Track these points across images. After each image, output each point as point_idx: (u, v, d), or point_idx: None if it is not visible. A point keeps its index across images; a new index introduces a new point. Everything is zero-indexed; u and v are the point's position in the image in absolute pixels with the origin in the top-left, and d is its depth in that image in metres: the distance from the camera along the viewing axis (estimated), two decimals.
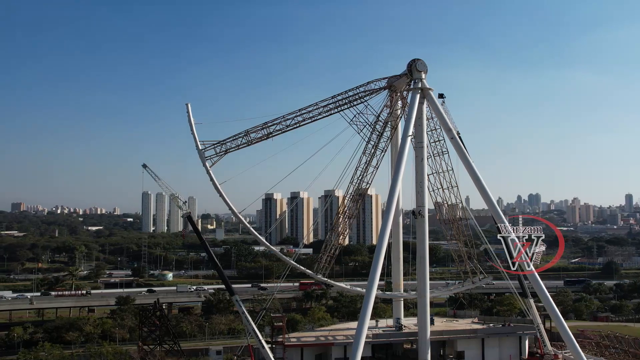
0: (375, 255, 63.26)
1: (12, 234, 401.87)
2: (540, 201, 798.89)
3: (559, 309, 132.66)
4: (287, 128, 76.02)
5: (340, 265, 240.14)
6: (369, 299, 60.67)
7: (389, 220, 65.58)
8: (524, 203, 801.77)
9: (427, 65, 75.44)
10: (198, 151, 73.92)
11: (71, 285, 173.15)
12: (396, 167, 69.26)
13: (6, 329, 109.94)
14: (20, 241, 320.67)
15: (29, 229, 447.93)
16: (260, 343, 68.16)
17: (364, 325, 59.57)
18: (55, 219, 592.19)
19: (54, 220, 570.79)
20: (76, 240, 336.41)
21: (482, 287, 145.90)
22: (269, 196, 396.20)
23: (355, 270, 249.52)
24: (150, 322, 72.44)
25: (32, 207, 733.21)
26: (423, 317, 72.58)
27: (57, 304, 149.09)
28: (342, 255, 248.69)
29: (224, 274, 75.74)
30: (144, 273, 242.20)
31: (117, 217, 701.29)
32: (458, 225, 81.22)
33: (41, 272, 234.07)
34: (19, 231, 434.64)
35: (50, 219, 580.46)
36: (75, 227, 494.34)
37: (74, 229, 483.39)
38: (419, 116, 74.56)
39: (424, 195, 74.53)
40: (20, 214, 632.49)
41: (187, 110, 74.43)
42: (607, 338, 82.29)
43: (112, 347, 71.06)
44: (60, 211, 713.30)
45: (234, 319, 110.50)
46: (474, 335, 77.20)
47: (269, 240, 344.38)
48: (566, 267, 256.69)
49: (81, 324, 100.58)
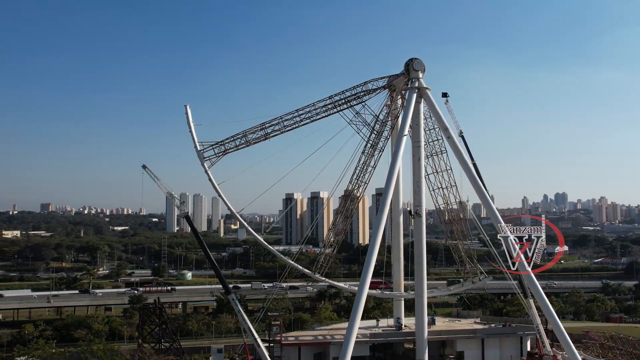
0: (368, 255, 63.78)
1: (40, 234, 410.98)
2: (567, 200, 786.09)
3: (571, 309, 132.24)
4: (286, 129, 76.67)
5: (358, 264, 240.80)
6: (360, 299, 61.14)
7: (382, 219, 65.90)
8: (550, 202, 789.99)
9: (424, 64, 75.54)
10: (197, 152, 74.95)
11: (89, 284, 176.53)
12: (391, 167, 69.56)
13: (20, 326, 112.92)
14: (46, 241, 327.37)
15: (56, 229, 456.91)
16: (255, 342, 68.90)
17: (355, 324, 60.17)
18: (82, 219, 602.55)
19: (80, 220, 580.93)
20: (100, 240, 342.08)
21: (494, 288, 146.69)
22: (289, 196, 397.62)
23: (374, 270, 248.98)
24: (150, 320, 73.69)
25: (61, 207, 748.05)
26: (420, 317, 72.51)
27: (75, 302, 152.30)
28: (360, 254, 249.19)
29: (220, 273, 76.75)
30: (163, 272, 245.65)
31: (142, 218, 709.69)
32: (458, 225, 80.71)
33: (64, 271, 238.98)
34: (46, 231, 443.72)
35: (77, 219, 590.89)
36: (100, 227, 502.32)
37: (100, 229, 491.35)
38: (415, 115, 74.60)
39: (421, 195, 74.37)
40: (49, 215, 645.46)
41: (185, 111, 75.48)
42: (611, 339, 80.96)
43: (102, 345, 72.31)
44: (87, 211, 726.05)
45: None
46: (473, 336, 76.70)
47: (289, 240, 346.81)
48: (588, 267, 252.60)
49: (90, 322, 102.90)
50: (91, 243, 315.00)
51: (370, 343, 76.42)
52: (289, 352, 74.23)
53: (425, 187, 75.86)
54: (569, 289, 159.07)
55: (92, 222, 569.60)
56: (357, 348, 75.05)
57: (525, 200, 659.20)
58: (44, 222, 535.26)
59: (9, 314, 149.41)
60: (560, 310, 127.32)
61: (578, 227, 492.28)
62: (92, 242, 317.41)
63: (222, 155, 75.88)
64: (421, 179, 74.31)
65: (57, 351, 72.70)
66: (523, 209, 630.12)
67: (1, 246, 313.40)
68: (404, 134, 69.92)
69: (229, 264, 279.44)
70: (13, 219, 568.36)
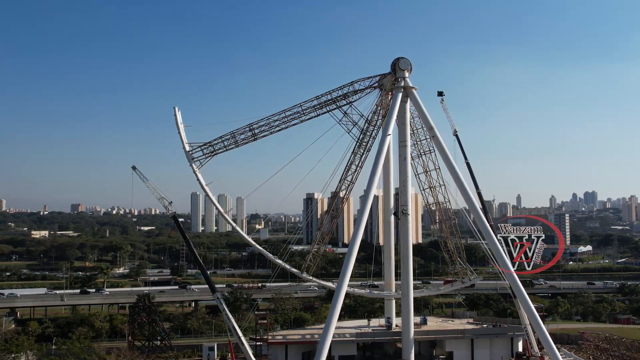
0: (347, 254, 63.71)
1: (67, 234, 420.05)
2: (597, 199, 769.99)
3: (578, 309, 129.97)
4: (274, 129, 77.16)
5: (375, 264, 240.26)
6: (338, 298, 61.11)
7: (362, 219, 66.09)
8: (579, 201, 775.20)
9: (410, 64, 75.30)
10: (185, 153, 75.94)
11: (103, 284, 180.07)
12: (374, 166, 69.47)
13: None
14: (71, 241, 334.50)
15: (84, 230, 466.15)
16: (239, 340, 69.63)
17: (331, 324, 60.19)
18: (110, 219, 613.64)
19: (108, 220, 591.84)
20: (124, 240, 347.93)
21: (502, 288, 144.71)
22: (309, 196, 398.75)
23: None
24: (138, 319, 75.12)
25: (90, 208, 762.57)
26: (406, 317, 72.38)
27: (88, 300, 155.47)
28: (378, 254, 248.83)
29: (206, 272, 77.96)
30: (182, 272, 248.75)
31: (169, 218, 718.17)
32: (447, 224, 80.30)
33: (87, 270, 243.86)
34: (74, 231, 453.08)
35: (105, 220, 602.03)
36: (127, 227, 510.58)
37: (126, 229, 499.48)
38: (401, 114, 74.53)
39: (407, 194, 74.33)
40: (78, 215, 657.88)
41: (174, 113, 76.58)
42: (605, 341, 79.42)
43: (78, 343, 73.82)
44: (115, 212, 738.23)
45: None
46: (461, 336, 76.08)
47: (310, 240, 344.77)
48: (610, 267, 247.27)
49: (92, 320, 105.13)
50: (114, 243, 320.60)
51: (356, 342, 76.27)
52: (277, 351, 74.80)
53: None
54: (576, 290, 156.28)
55: (119, 222, 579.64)
56: (344, 347, 75.87)
57: (552, 200, 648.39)
58: (73, 223, 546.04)
59: (26, 311, 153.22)
60: (567, 311, 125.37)
61: (606, 227, 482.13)
62: (115, 242, 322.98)
63: (211, 156, 76.84)
64: (407, 179, 74.17)
65: (35, 347, 74.70)
66: (550, 208, 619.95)
67: (28, 246, 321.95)
68: (387, 133, 69.94)
69: (247, 264, 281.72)
70: (43, 220, 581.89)
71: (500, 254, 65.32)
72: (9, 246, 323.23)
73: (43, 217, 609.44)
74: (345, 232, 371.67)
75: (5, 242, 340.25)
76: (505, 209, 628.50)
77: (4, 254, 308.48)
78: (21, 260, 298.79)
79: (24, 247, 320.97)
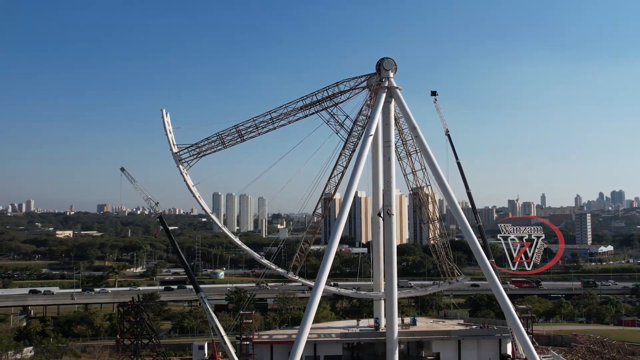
0: (325, 255, 64.02)
1: (91, 234, 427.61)
2: (624, 198, 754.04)
3: (582, 311, 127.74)
4: (261, 129, 77.65)
5: None
6: (314, 298, 61.43)
7: (341, 220, 66.06)
8: (606, 200, 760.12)
9: (395, 64, 75.09)
10: (172, 154, 76.90)
11: (114, 283, 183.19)
12: (354, 167, 69.62)
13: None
14: (92, 241, 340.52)
15: (107, 229, 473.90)
16: (222, 339, 70.37)
17: (307, 324, 60.67)
18: (134, 219, 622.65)
19: (132, 220, 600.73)
20: (144, 239, 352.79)
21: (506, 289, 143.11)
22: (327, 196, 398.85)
23: (404, 269, 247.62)
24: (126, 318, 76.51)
25: (116, 208, 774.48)
26: (390, 318, 72.31)
27: (98, 299, 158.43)
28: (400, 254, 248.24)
29: (190, 272, 79.04)
30: (197, 271, 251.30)
31: (192, 217, 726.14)
32: (435, 224, 79.97)
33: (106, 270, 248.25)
34: (98, 231, 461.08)
35: (129, 220, 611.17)
36: (149, 227, 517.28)
37: (149, 228, 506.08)
38: (386, 115, 74.50)
39: (391, 195, 74.23)
40: (103, 215, 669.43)
41: (162, 115, 77.62)
42: (597, 343, 78.06)
43: (55, 341, 75.47)
44: (140, 212, 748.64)
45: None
46: (447, 337, 75.63)
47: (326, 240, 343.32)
48: (630, 268, 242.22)
49: (92, 319, 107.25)
50: (134, 243, 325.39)
51: (342, 343, 76.37)
52: (262, 350, 75.35)
53: None
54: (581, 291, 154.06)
55: (143, 222, 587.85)
56: (329, 347, 76.10)
57: (578, 199, 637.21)
58: (97, 223, 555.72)
59: (39, 309, 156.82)
60: (570, 313, 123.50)
61: (632, 227, 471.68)
62: (134, 242, 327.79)
63: (198, 158, 77.64)
64: (391, 179, 74.09)
65: (13, 344, 76.69)
66: (576, 207, 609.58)
67: (50, 245, 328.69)
68: (369, 134, 69.88)
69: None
70: (69, 220, 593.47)
71: (480, 255, 64.66)
72: (32, 246, 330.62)
73: (69, 217, 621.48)
74: (362, 232, 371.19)
75: (29, 241, 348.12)
76: (529, 209, 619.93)
77: (27, 254, 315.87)
78: (44, 259, 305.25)
79: (47, 246, 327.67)
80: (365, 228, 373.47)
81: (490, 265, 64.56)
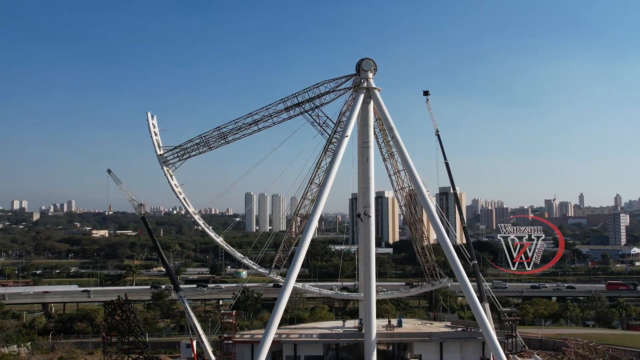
0: (295, 255, 64.40)
1: (126, 233, 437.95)
2: None
3: (590, 314, 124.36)
4: (245, 130, 78.30)
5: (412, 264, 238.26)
6: (282, 298, 61.87)
7: (313, 220, 66.40)
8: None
9: (374, 64, 74.98)
10: (157, 156, 78.34)
11: (132, 281, 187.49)
12: (328, 168, 69.99)
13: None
14: (122, 240, 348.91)
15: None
16: (200, 338, 71.49)
17: (274, 324, 61.26)
18: (170, 219, 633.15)
19: (167, 220, 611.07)
20: (174, 239, 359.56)
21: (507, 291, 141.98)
22: (354, 196, 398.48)
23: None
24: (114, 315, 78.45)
25: (154, 207, 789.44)
26: (368, 319, 72.17)
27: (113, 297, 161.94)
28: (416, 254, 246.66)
29: (170, 272, 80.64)
30: (220, 271, 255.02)
31: (227, 217, 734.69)
32: (418, 226, 79.38)
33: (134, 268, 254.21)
34: (133, 230, 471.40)
35: (165, 220, 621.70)
36: (182, 227, 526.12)
37: (182, 228, 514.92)
38: (364, 116, 74.45)
39: (369, 196, 74.04)
40: None
41: (147, 118, 79.15)
42: (584, 348, 76.02)
43: (43, 338, 77.85)
44: (177, 212, 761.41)
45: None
46: (427, 339, 74.90)
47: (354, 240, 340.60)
48: None
49: (94, 316, 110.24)
50: (163, 242, 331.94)
51: (322, 342, 76.49)
52: (243, 350, 76.08)
53: None
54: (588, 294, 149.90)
55: (177, 222, 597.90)
56: (309, 348, 76.46)
57: (618, 199, 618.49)
58: (134, 222, 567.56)
59: (59, 307, 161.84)
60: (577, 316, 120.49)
61: None
62: (164, 241, 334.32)
63: (183, 160, 78.89)
64: (370, 180, 73.93)
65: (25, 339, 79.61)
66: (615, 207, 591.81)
67: (83, 245, 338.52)
68: (345, 135, 69.93)
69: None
70: (107, 219, 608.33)
71: (452, 257, 63.69)
72: (67, 245, 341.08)
73: (107, 217, 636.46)
74: (390, 232, 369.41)
75: (64, 240, 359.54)
76: (566, 209, 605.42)
77: (61, 252, 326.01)
78: (76, 258, 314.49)
79: (80, 245, 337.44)
80: (392, 228, 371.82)
81: (460, 265, 63.35)
